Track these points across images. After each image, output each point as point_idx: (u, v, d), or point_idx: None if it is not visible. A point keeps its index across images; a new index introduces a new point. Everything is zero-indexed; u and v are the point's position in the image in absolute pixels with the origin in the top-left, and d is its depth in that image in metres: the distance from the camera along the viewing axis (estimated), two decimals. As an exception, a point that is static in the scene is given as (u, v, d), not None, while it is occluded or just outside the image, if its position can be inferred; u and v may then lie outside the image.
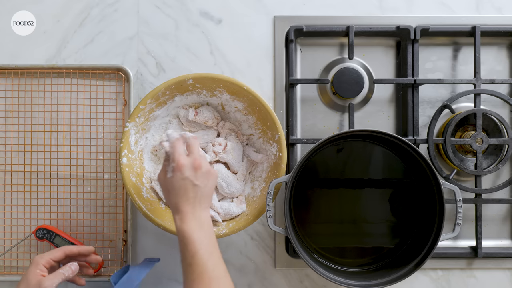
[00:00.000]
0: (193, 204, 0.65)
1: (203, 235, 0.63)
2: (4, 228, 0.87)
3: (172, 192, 0.66)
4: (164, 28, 0.89)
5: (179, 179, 0.66)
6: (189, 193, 0.65)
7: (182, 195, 0.65)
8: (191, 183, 0.66)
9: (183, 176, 0.66)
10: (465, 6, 0.90)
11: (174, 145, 0.69)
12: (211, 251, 0.62)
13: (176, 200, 0.66)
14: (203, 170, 0.67)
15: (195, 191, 0.66)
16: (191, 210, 0.65)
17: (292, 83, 0.86)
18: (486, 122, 0.87)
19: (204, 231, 0.64)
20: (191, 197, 0.65)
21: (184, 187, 0.65)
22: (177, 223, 0.65)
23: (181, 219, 0.64)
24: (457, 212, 0.73)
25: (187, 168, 0.66)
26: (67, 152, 0.87)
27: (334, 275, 0.75)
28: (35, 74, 0.87)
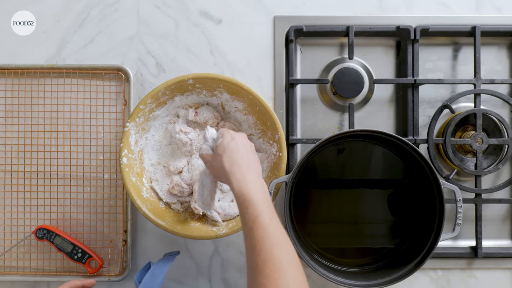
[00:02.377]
0: (247, 165, 0.64)
1: (263, 199, 0.60)
2: (4, 228, 0.87)
3: (224, 154, 0.65)
4: (164, 28, 0.89)
5: (230, 141, 0.66)
6: (241, 153, 0.65)
7: (235, 155, 0.64)
8: (242, 145, 0.66)
9: (234, 137, 0.66)
10: (465, 6, 0.90)
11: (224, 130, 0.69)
12: (271, 215, 0.59)
13: (231, 160, 0.64)
14: (249, 142, 0.69)
15: (247, 153, 0.65)
16: (246, 171, 0.63)
17: (292, 83, 0.86)
18: (486, 122, 0.87)
19: (263, 195, 0.61)
20: (244, 157, 0.65)
21: (235, 147, 0.65)
22: (234, 184, 0.62)
23: (238, 181, 0.62)
24: (457, 212, 0.73)
25: (237, 134, 0.67)
26: (67, 152, 0.87)
27: (334, 275, 0.75)
28: (35, 74, 0.87)
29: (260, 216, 0.58)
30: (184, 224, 0.79)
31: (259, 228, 0.58)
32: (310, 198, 0.83)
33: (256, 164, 0.66)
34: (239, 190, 0.61)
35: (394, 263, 0.80)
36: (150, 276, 0.72)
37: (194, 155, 0.82)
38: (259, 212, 0.58)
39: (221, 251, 0.87)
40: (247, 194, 0.60)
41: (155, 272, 0.73)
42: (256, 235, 0.57)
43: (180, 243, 0.87)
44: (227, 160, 0.64)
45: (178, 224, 0.78)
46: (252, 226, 0.58)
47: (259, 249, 0.56)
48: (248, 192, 0.60)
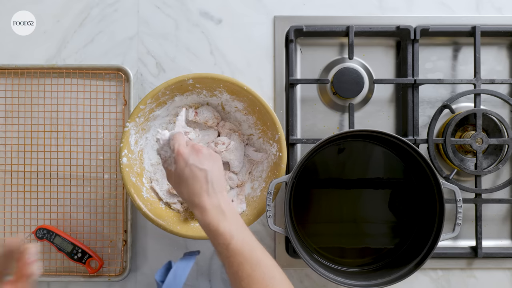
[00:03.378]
0: (206, 191, 0.61)
1: (229, 223, 0.59)
2: (4, 228, 0.87)
3: (181, 184, 0.62)
4: (164, 28, 0.89)
5: (184, 168, 0.62)
6: (199, 179, 0.61)
7: (192, 184, 0.61)
8: (197, 168, 0.61)
9: (187, 162, 0.62)
10: (465, 6, 0.90)
11: (174, 138, 0.65)
12: (242, 237, 0.58)
13: (188, 191, 0.61)
14: (205, 153, 0.63)
15: (204, 175, 0.61)
16: (207, 199, 0.60)
17: (292, 83, 0.86)
18: (486, 122, 0.87)
19: (228, 219, 0.59)
20: (203, 183, 0.61)
21: (191, 174, 0.61)
22: (197, 216, 0.60)
23: (201, 212, 0.60)
24: (457, 212, 0.73)
25: (188, 154, 0.62)
26: (67, 152, 0.87)
27: (334, 275, 0.75)
28: (35, 74, 0.87)
29: (231, 243, 0.57)
30: (184, 224, 0.79)
31: (235, 255, 0.57)
32: (310, 198, 0.83)
33: (217, 180, 0.62)
34: (203, 222, 0.59)
35: (394, 263, 0.80)
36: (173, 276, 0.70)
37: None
38: (229, 240, 0.57)
39: (221, 251, 0.87)
40: (212, 225, 0.59)
41: (177, 272, 0.71)
42: (234, 262, 0.57)
43: (180, 243, 0.87)
44: (185, 190, 0.62)
45: (178, 224, 0.78)
46: (227, 255, 0.58)
47: (241, 274, 0.56)
48: (212, 222, 0.59)
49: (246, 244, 0.58)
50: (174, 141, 0.65)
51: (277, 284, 0.56)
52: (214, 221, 0.59)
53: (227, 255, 0.58)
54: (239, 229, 0.59)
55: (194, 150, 0.63)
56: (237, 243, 0.57)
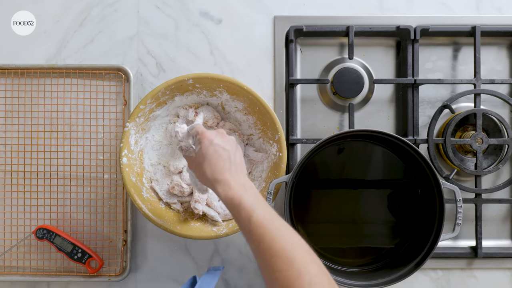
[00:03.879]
0: (229, 170, 0.62)
1: (251, 197, 0.59)
2: (4, 228, 0.87)
3: (204, 163, 0.63)
4: (164, 28, 0.89)
5: (208, 147, 0.63)
6: (222, 158, 0.62)
7: (216, 162, 0.62)
8: (221, 148, 0.63)
9: (212, 142, 0.63)
10: (465, 6, 0.90)
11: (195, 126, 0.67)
12: (263, 211, 0.58)
13: (212, 168, 0.62)
14: (228, 137, 0.65)
15: (228, 155, 0.63)
16: (229, 176, 0.61)
17: (292, 83, 0.86)
18: (486, 122, 0.87)
19: (251, 193, 0.60)
20: (226, 162, 0.62)
21: (215, 153, 0.62)
22: (220, 193, 0.61)
23: (223, 188, 0.60)
24: (457, 212, 0.73)
25: (213, 135, 0.64)
26: (67, 152, 0.87)
27: (334, 275, 0.75)
28: (35, 74, 0.87)
29: (253, 216, 0.57)
30: (184, 224, 0.79)
31: (257, 227, 0.56)
32: (310, 198, 0.83)
33: (240, 163, 0.64)
34: (226, 197, 0.60)
35: (394, 263, 0.80)
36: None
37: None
38: (251, 212, 0.57)
39: (221, 251, 0.87)
40: (235, 199, 0.59)
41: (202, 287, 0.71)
42: (256, 234, 0.56)
43: (180, 243, 0.87)
44: (208, 168, 0.62)
45: (178, 224, 0.78)
46: (249, 228, 0.57)
47: (262, 246, 0.55)
48: (235, 196, 0.59)
49: (267, 216, 0.58)
50: (197, 128, 0.67)
51: (298, 255, 0.54)
52: (236, 195, 0.59)
53: (249, 228, 0.57)
54: (261, 204, 0.59)
55: (219, 133, 0.65)
56: (259, 216, 0.57)
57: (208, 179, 0.63)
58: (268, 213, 0.58)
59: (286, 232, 0.57)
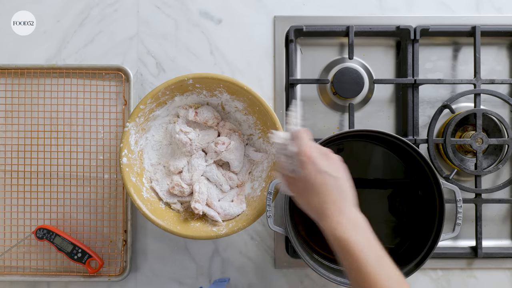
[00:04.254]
0: (339, 202, 0.55)
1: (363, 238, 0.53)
2: (4, 228, 0.87)
3: (311, 193, 0.55)
4: (164, 28, 0.89)
5: (316, 175, 0.55)
6: (331, 188, 0.55)
7: (324, 194, 0.55)
8: (330, 176, 0.55)
9: (319, 169, 0.55)
10: (465, 6, 0.90)
11: (297, 136, 0.58)
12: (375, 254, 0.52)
13: (320, 201, 0.55)
14: (334, 158, 0.57)
15: (337, 185, 0.56)
16: (339, 210, 0.54)
17: (292, 83, 0.86)
18: (486, 122, 0.87)
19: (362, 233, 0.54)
20: (334, 193, 0.55)
21: (324, 183, 0.55)
22: (327, 229, 0.54)
23: (331, 225, 0.54)
24: (457, 212, 0.73)
25: (318, 159, 0.56)
26: (67, 152, 0.87)
27: (334, 275, 0.75)
28: (35, 74, 0.87)
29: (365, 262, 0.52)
30: (184, 224, 0.79)
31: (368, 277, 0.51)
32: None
33: (349, 191, 0.57)
34: (333, 236, 0.54)
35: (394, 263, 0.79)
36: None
37: (194, 155, 0.82)
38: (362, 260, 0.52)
39: (221, 251, 0.87)
40: (343, 240, 0.53)
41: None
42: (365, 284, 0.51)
43: (180, 243, 0.87)
44: (315, 199, 0.56)
45: (178, 224, 0.78)
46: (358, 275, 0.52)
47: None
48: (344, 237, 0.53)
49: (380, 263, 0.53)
50: (299, 141, 0.57)
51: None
52: (345, 237, 0.53)
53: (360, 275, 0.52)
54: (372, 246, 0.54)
55: (324, 155, 0.57)
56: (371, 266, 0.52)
57: (313, 211, 0.57)
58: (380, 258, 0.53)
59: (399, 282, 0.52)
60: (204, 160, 0.82)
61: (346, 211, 0.55)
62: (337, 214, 0.54)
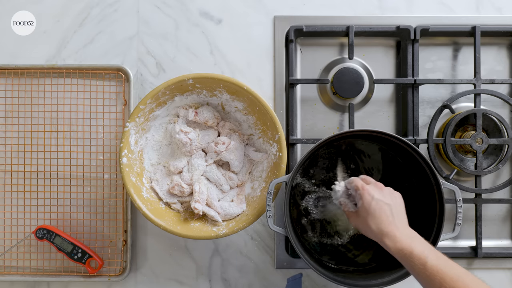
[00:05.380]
0: (394, 222, 0.66)
1: (421, 244, 0.63)
2: (4, 228, 0.87)
3: (368, 217, 0.67)
4: (164, 28, 0.89)
5: (370, 202, 0.67)
6: (385, 212, 0.66)
7: (380, 217, 0.66)
8: (383, 203, 0.67)
9: (373, 197, 0.67)
10: (465, 6, 0.90)
11: (353, 180, 0.71)
12: (435, 254, 0.62)
13: (376, 222, 0.66)
14: (386, 190, 0.69)
15: (390, 209, 0.67)
16: (395, 228, 0.65)
17: (292, 83, 0.86)
18: (486, 122, 0.87)
19: (418, 241, 0.64)
20: (389, 215, 0.66)
21: (378, 208, 0.67)
22: (389, 245, 0.64)
23: (392, 240, 0.64)
24: (457, 212, 0.73)
25: (373, 190, 0.68)
26: (67, 152, 0.87)
27: (334, 275, 0.75)
28: (35, 74, 0.87)
29: (428, 262, 0.61)
30: (184, 224, 0.79)
31: (435, 271, 0.60)
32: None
33: (402, 215, 0.68)
34: (395, 248, 0.64)
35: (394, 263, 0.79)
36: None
37: (194, 155, 0.82)
38: (425, 259, 0.61)
39: (221, 251, 0.87)
40: (405, 249, 0.62)
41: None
42: (435, 278, 0.60)
43: (180, 243, 0.87)
44: (373, 223, 0.66)
45: (178, 224, 0.78)
46: (427, 274, 0.60)
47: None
48: (405, 246, 0.63)
49: (441, 259, 0.61)
50: (355, 182, 0.70)
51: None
52: (406, 246, 0.63)
53: (426, 274, 0.60)
54: (431, 249, 0.63)
55: (377, 187, 0.69)
56: (433, 261, 0.61)
57: (374, 233, 0.67)
58: (440, 256, 0.62)
59: (462, 271, 0.60)
60: (204, 160, 0.82)
61: (401, 228, 0.66)
62: (393, 231, 0.65)
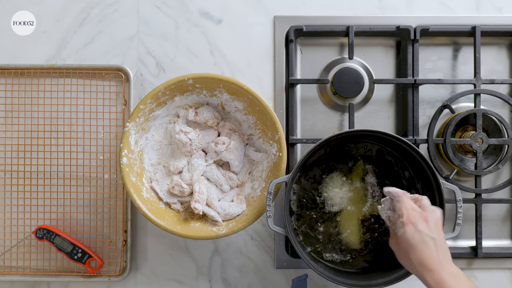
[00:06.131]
0: (437, 258, 0.62)
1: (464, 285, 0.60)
2: (4, 228, 0.87)
3: (410, 250, 0.63)
4: (164, 28, 0.89)
5: (414, 233, 0.63)
6: (429, 246, 0.63)
7: (424, 250, 0.62)
8: (428, 236, 0.63)
9: (417, 229, 0.63)
10: (465, 6, 0.90)
11: (400, 199, 0.67)
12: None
13: (418, 256, 0.63)
14: (431, 220, 0.65)
15: (435, 244, 0.63)
16: (439, 265, 0.62)
17: (292, 83, 0.86)
18: (486, 122, 0.87)
19: (463, 281, 0.61)
20: (433, 250, 0.62)
21: (422, 240, 0.63)
22: (431, 283, 0.61)
23: (434, 279, 0.60)
24: (457, 212, 0.73)
25: (417, 219, 0.64)
26: (67, 152, 0.87)
27: (334, 275, 0.75)
28: (35, 74, 0.87)
29: None
30: (184, 224, 0.79)
31: None
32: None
33: (445, 249, 0.64)
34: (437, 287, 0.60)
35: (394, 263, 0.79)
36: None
37: (194, 155, 0.82)
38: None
39: (221, 251, 0.87)
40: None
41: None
42: None
43: (180, 243, 0.87)
44: (415, 256, 0.63)
45: (178, 224, 0.78)
46: None
47: None
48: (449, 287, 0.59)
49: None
50: (401, 205, 0.66)
51: None
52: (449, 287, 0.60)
53: None
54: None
55: (422, 218, 0.65)
56: None
57: (414, 267, 0.63)
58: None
59: None
60: (204, 160, 0.82)
61: (447, 267, 0.62)
62: (437, 269, 0.61)
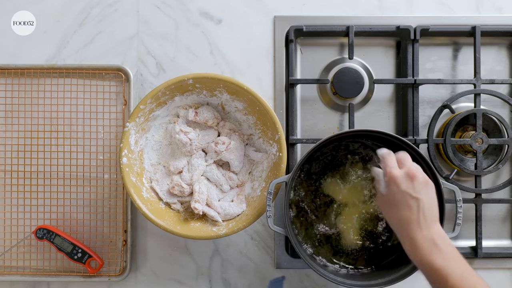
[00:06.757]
0: (417, 221, 0.60)
1: (443, 258, 0.57)
2: (4, 228, 0.87)
3: (390, 209, 0.62)
4: (164, 28, 0.89)
5: (396, 193, 0.61)
6: (410, 208, 0.60)
7: (403, 212, 0.60)
8: (410, 196, 0.61)
9: (399, 189, 0.61)
10: (465, 6, 0.90)
11: (384, 159, 0.65)
12: (460, 273, 0.56)
13: (398, 217, 0.61)
14: (419, 180, 0.62)
15: (416, 204, 0.60)
16: (418, 231, 0.59)
17: (292, 83, 0.86)
18: (486, 122, 0.87)
19: (443, 252, 0.57)
20: (414, 212, 0.60)
21: (403, 201, 0.61)
22: (408, 250, 0.59)
23: (411, 246, 0.59)
24: (457, 212, 0.73)
25: (402, 179, 0.62)
26: (67, 152, 0.87)
27: (334, 275, 0.75)
28: (35, 74, 0.87)
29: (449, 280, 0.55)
30: (184, 224, 0.79)
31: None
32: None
33: (429, 210, 0.61)
34: (414, 255, 0.59)
35: (394, 263, 0.79)
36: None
37: (194, 155, 0.82)
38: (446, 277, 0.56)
39: (221, 251, 0.87)
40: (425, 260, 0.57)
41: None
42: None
43: (180, 243, 0.87)
44: (395, 216, 0.62)
45: (178, 224, 0.78)
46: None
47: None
48: (425, 257, 0.57)
49: (465, 280, 0.56)
50: (385, 163, 0.64)
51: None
52: (426, 256, 0.57)
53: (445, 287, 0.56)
54: (457, 264, 0.57)
55: (409, 176, 0.62)
56: (456, 280, 0.55)
57: (394, 226, 0.63)
58: (467, 274, 0.56)
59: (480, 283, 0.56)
60: (204, 160, 0.82)
61: (424, 231, 0.59)
62: (414, 235, 0.59)
